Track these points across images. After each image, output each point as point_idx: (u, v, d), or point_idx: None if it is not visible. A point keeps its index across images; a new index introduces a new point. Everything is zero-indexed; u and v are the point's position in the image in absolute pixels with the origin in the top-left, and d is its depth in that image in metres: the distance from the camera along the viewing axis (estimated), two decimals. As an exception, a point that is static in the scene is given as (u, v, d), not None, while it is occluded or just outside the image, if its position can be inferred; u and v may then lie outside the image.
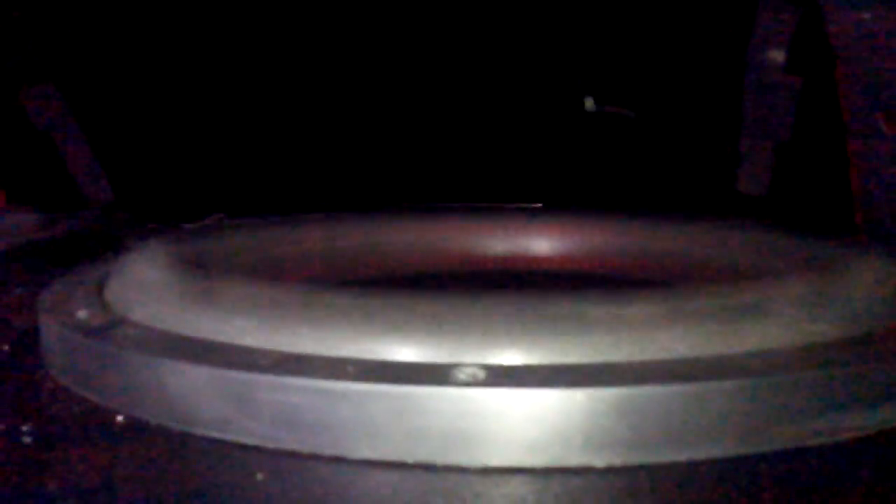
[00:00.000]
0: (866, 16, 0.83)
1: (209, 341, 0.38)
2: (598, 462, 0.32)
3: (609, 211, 0.76)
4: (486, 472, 0.32)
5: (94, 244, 0.85)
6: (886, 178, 0.87)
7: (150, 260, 0.49)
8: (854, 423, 0.35)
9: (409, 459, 0.33)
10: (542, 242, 0.74)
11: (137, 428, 0.37)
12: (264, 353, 0.36)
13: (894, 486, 0.33)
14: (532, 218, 0.76)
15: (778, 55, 1.01)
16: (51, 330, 0.44)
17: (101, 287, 0.49)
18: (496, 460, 0.32)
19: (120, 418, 0.38)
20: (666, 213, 0.75)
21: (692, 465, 0.33)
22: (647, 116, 1.06)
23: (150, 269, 0.47)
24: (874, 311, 0.41)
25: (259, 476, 0.32)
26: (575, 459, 0.32)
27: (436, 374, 0.33)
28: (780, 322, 0.38)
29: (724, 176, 1.04)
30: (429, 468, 0.32)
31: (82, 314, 0.44)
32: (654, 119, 1.06)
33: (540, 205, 1.06)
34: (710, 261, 0.63)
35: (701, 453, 0.33)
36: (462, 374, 0.33)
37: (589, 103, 0.91)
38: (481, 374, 0.33)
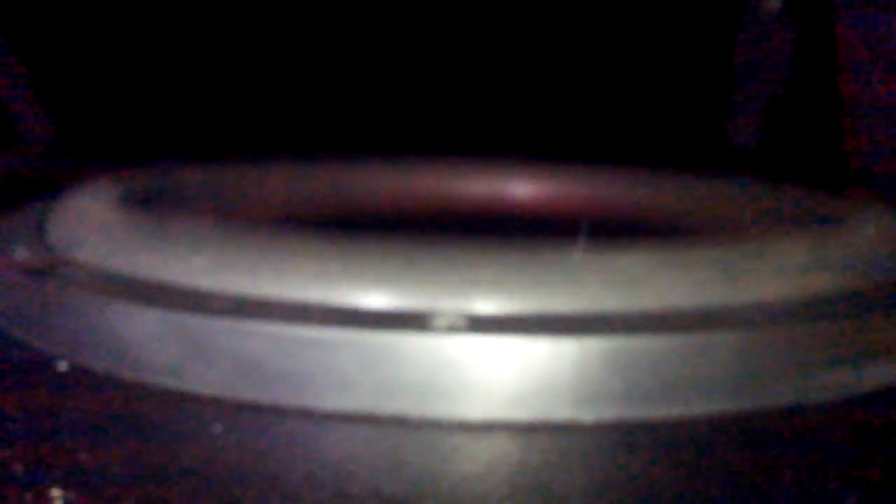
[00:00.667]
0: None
1: (161, 283, 0.36)
2: (587, 417, 0.31)
3: (596, 161, 0.74)
4: (465, 426, 0.31)
5: (34, 184, 0.82)
6: (881, 130, 0.87)
7: (97, 196, 0.46)
8: (857, 379, 0.34)
9: (382, 412, 0.31)
10: (524, 190, 0.73)
11: (82, 376, 0.35)
12: (222, 296, 0.35)
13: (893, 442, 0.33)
14: (515, 166, 0.75)
15: (774, 2, 1.00)
16: (-13, 271, 0.42)
17: (43, 226, 0.47)
18: (476, 414, 0.31)
19: (63, 365, 0.36)
20: (655, 164, 0.74)
21: (687, 421, 0.32)
22: (639, 65, 1.04)
23: (97, 205, 0.45)
24: (878, 263, 0.40)
25: (216, 428, 0.31)
26: (562, 414, 0.31)
27: (411, 321, 0.32)
28: (780, 273, 0.37)
29: (717, 126, 1.03)
30: (403, 422, 0.31)
31: (22, 254, 0.41)
32: (647, 67, 1.04)
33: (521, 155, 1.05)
34: (702, 212, 0.62)
35: (696, 408, 0.32)
36: (440, 321, 0.32)
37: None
38: (461, 322, 0.32)
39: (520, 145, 1.05)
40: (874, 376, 0.34)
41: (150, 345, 0.34)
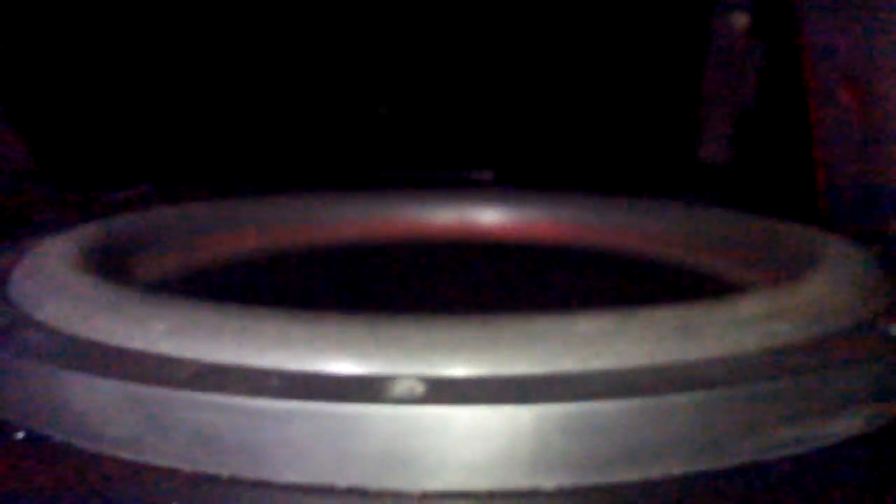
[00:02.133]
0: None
1: (120, 348, 0.35)
2: (547, 483, 0.30)
3: (565, 188, 0.74)
4: (425, 497, 0.30)
5: (7, 214, 0.80)
6: (847, 148, 0.87)
7: (59, 249, 0.45)
8: (819, 433, 0.34)
9: (340, 484, 0.30)
10: (491, 217, 0.72)
11: (39, 445, 0.34)
12: (180, 364, 0.33)
13: (861, 496, 0.32)
14: (482, 194, 0.74)
15: (742, 20, 0.99)
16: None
17: (4, 279, 0.45)
18: (436, 484, 0.30)
19: (20, 434, 0.35)
20: (625, 182, 0.74)
21: (647, 484, 0.31)
22: (607, 82, 1.04)
23: (58, 261, 0.43)
24: (834, 308, 0.40)
25: (174, 502, 0.30)
26: (522, 481, 0.30)
27: (369, 389, 0.31)
28: (740, 325, 0.36)
29: (685, 143, 1.02)
30: (362, 494, 0.30)
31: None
32: (615, 84, 1.04)
33: (490, 173, 1.04)
34: (664, 237, 0.62)
35: (657, 471, 0.31)
36: (398, 388, 0.31)
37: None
38: (419, 388, 0.31)
39: (492, 165, 1.04)
40: (835, 430, 0.34)
41: (107, 415, 0.33)
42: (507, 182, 1.05)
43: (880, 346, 0.37)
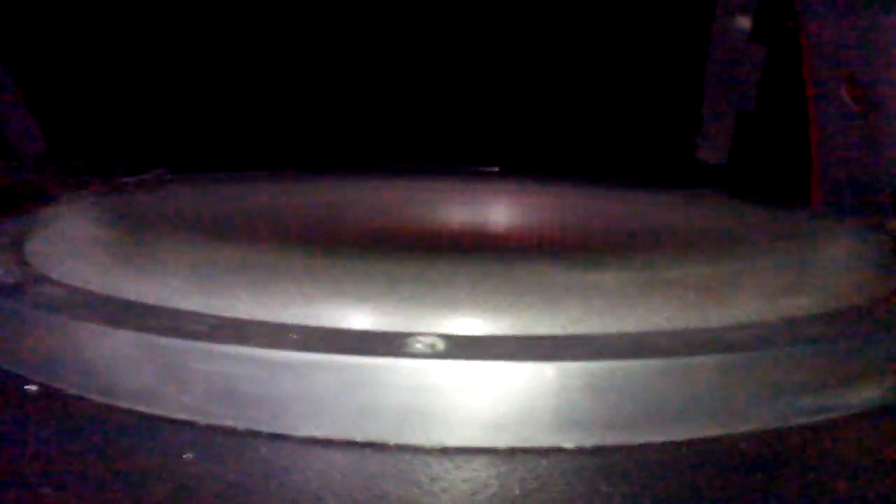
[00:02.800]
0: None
1: (137, 303, 0.34)
2: (568, 443, 0.29)
3: (573, 177, 0.73)
4: (445, 452, 0.29)
5: (21, 198, 0.79)
6: (847, 149, 0.86)
7: (76, 213, 0.44)
8: (837, 402, 0.32)
9: (359, 438, 0.29)
10: (504, 208, 0.70)
11: (52, 398, 0.32)
12: (198, 318, 0.32)
13: (878, 467, 0.31)
14: (494, 183, 0.73)
15: (743, 23, 0.98)
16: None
17: (21, 242, 0.44)
18: (455, 440, 0.29)
19: (33, 387, 0.33)
20: (630, 181, 0.73)
21: (669, 446, 0.30)
22: (609, 81, 1.03)
23: (75, 222, 0.42)
24: (856, 283, 0.39)
25: (188, 455, 0.28)
26: (542, 440, 0.29)
27: (389, 344, 0.30)
28: (762, 293, 0.35)
29: (686, 144, 1.01)
30: (380, 448, 0.29)
31: (-5, 271, 0.39)
32: (617, 84, 1.03)
33: (497, 169, 1.03)
34: (679, 231, 0.60)
35: (679, 433, 0.30)
36: (419, 344, 0.30)
37: None
38: (440, 345, 0.30)
39: (496, 160, 1.03)
40: (855, 400, 0.33)
41: (121, 367, 0.31)
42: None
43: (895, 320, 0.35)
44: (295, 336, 0.30)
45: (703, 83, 1.00)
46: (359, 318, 0.32)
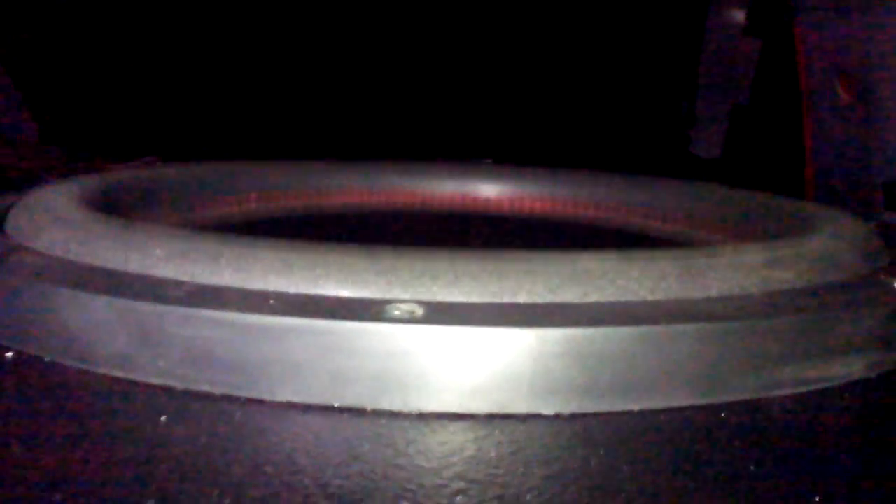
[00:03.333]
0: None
1: (115, 271, 0.34)
2: (546, 409, 0.29)
3: (563, 167, 0.72)
4: (422, 417, 0.29)
5: (11, 182, 0.79)
6: (840, 142, 0.86)
7: (56, 190, 0.43)
8: (819, 374, 0.32)
9: (336, 403, 0.29)
10: (491, 195, 0.70)
11: (28, 365, 0.32)
12: (176, 284, 0.32)
13: (856, 440, 0.31)
14: (481, 173, 0.72)
15: (738, 16, 0.98)
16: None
17: (2, 218, 0.44)
18: (433, 405, 0.29)
19: (9, 354, 0.33)
20: (621, 171, 0.72)
21: (648, 415, 0.29)
22: (604, 76, 1.03)
23: (54, 197, 0.42)
24: (837, 261, 0.38)
25: (162, 418, 0.28)
26: (521, 406, 0.29)
27: (367, 310, 0.30)
28: (743, 267, 0.35)
29: (679, 137, 1.01)
30: (358, 413, 0.29)
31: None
32: (612, 78, 1.03)
33: (490, 160, 1.03)
34: (667, 213, 0.60)
35: (658, 402, 0.30)
36: (397, 311, 0.30)
37: None
38: (419, 311, 0.30)
39: (494, 154, 1.03)
40: (835, 372, 0.33)
41: (97, 332, 0.31)
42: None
43: (882, 296, 0.35)
44: (273, 302, 0.30)
45: (697, 77, 1.01)
46: (338, 286, 0.31)
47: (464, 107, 1.06)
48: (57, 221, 0.39)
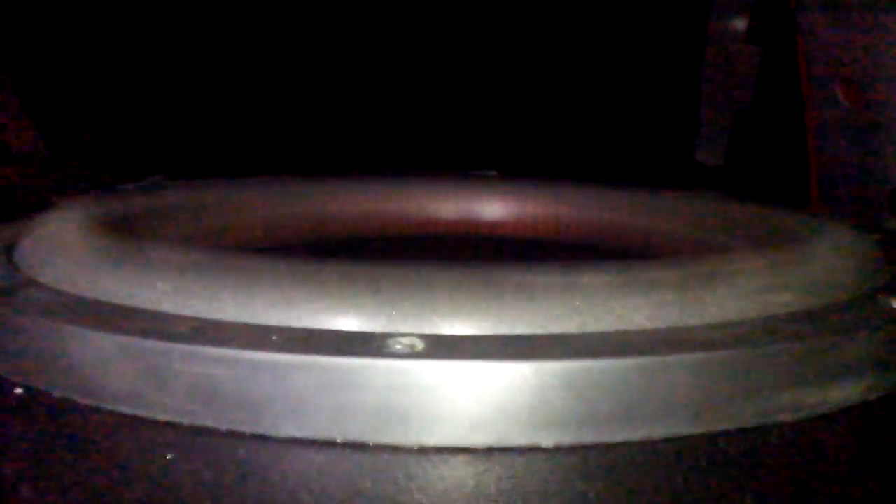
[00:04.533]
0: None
1: (121, 306, 0.34)
2: (546, 441, 0.29)
3: (565, 180, 0.73)
4: (422, 452, 0.29)
5: (20, 203, 0.79)
6: (844, 150, 0.86)
7: (64, 219, 0.44)
8: (817, 400, 0.32)
9: (339, 438, 0.29)
10: (494, 210, 0.71)
11: (38, 401, 0.33)
12: (180, 320, 0.33)
13: (857, 465, 0.31)
14: (485, 185, 0.73)
15: (739, 24, 0.98)
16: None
17: (10, 247, 0.44)
18: (434, 439, 0.29)
19: (19, 391, 0.33)
20: (623, 182, 0.73)
21: (647, 445, 0.30)
22: (606, 83, 1.03)
23: (62, 228, 0.43)
24: (834, 281, 0.39)
25: (169, 456, 0.29)
26: (520, 438, 0.29)
27: (369, 345, 0.30)
28: (739, 292, 0.35)
29: (682, 145, 1.01)
30: (359, 448, 0.29)
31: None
32: (614, 86, 1.03)
33: (494, 172, 1.03)
34: (667, 230, 0.60)
35: (657, 431, 0.30)
36: (398, 345, 0.30)
37: None
38: (419, 345, 0.30)
39: (495, 164, 1.04)
40: (833, 397, 0.33)
41: (105, 369, 0.32)
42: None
43: (880, 318, 0.35)
44: (275, 337, 0.31)
45: (699, 84, 1.01)
46: (340, 320, 0.32)
47: (463, 115, 1.06)
48: (65, 256, 0.39)
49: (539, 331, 0.32)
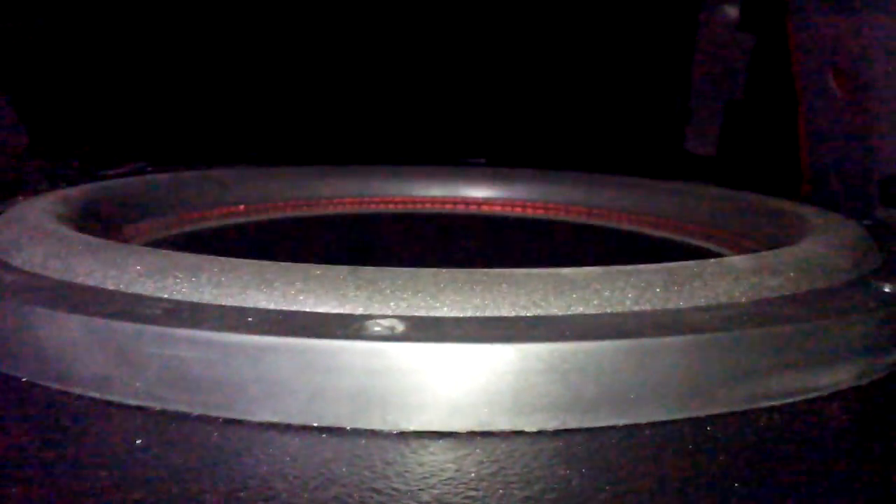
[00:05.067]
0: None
1: (92, 288, 0.33)
2: (529, 426, 0.28)
3: (554, 169, 0.72)
4: (402, 437, 0.28)
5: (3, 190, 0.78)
6: (835, 138, 0.85)
7: (38, 203, 0.43)
8: (807, 384, 0.32)
9: (315, 423, 0.28)
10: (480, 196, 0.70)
11: (5, 385, 0.32)
12: (151, 301, 0.31)
13: (845, 450, 0.30)
14: (471, 175, 0.72)
15: (731, 11, 0.98)
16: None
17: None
18: (413, 424, 0.28)
19: (-17, 374, 0.32)
20: (611, 172, 0.72)
21: (633, 429, 0.29)
22: (596, 72, 1.02)
23: (36, 211, 0.41)
24: (827, 265, 0.38)
25: (138, 441, 0.28)
26: (503, 423, 0.28)
27: (347, 326, 0.29)
28: (729, 276, 0.34)
29: (673, 134, 1.01)
30: (337, 433, 0.28)
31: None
32: (604, 75, 1.02)
33: (483, 160, 1.02)
34: (658, 215, 0.60)
35: (642, 416, 0.29)
36: (377, 327, 0.29)
37: None
38: (399, 327, 0.29)
39: (483, 152, 1.03)
40: (824, 382, 0.32)
41: (74, 353, 0.30)
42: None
43: (872, 302, 0.35)
44: (250, 319, 0.30)
45: (691, 73, 1.00)
46: (317, 301, 0.31)
47: (454, 104, 1.05)
48: (35, 238, 0.38)
49: (524, 313, 0.31)
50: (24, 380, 0.32)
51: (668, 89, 1.02)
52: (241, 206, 0.61)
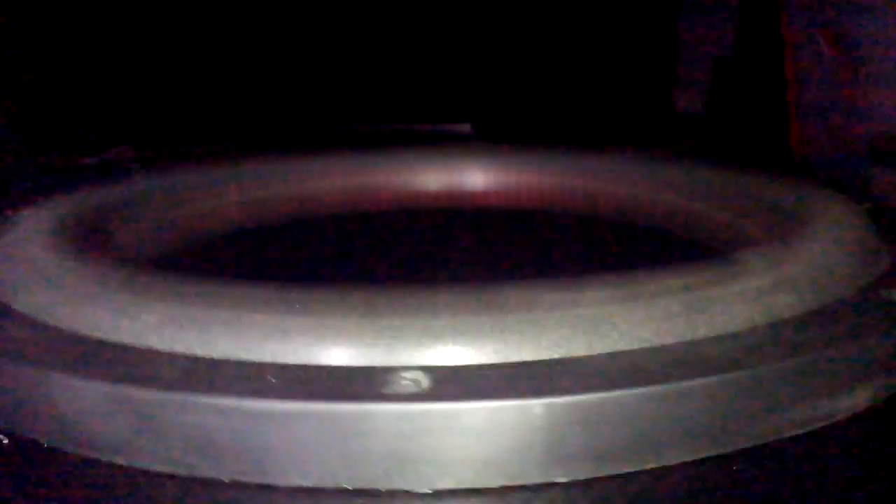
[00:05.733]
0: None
1: (105, 342, 0.33)
2: (561, 477, 0.29)
3: (547, 144, 0.71)
4: (436, 495, 0.28)
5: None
6: (825, 98, 0.85)
7: (36, 231, 0.42)
8: (830, 409, 0.32)
9: (349, 485, 0.28)
10: (476, 178, 0.69)
11: (27, 451, 0.31)
12: (169, 360, 0.31)
13: (870, 472, 0.31)
14: (465, 153, 0.71)
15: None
16: None
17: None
18: (446, 482, 0.28)
19: (4, 439, 0.32)
20: (607, 144, 0.71)
21: (663, 472, 0.29)
22: (582, 33, 1.00)
23: (36, 245, 0.40)
24: (839, 273, 0.38)
25: (170, 511, 0.28)
26: (534, 476, 0.28)
27: (373, 384, 0.29)
28: (748, 297, 0.34)
29: (662, 94, 0.99)
30: (370, 494, 0.28)
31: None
32: (590, 36, 1.00)
33: (468, 126, 1.01)
34: (654, 200, 0.59)
35: (671, 458, 0.29)
36: (402, 381, 0.29)
37: None
38: (424, 381, 0.29)
39: (470, 118, 1.01)
40: (844, 405, 0.32)
41: (95, 419, 0.30)
42: (485, 135, 1.02)
43: (884, 316, 0.35)
44: (273, 379, 0.29)
45: (678, 30, 0.98)
46: (339, 355, 0.30)
47: (441, 73, 1.03)
48: (39, 280, 0.37)
49: (546, 355, 0.31)
50: (46, 445, 0.31)
51: (656, 49, 1.00)
52: (233, 208, 0.60)
